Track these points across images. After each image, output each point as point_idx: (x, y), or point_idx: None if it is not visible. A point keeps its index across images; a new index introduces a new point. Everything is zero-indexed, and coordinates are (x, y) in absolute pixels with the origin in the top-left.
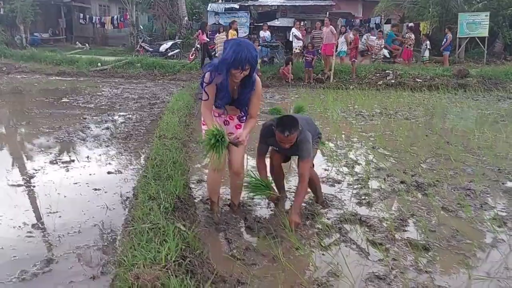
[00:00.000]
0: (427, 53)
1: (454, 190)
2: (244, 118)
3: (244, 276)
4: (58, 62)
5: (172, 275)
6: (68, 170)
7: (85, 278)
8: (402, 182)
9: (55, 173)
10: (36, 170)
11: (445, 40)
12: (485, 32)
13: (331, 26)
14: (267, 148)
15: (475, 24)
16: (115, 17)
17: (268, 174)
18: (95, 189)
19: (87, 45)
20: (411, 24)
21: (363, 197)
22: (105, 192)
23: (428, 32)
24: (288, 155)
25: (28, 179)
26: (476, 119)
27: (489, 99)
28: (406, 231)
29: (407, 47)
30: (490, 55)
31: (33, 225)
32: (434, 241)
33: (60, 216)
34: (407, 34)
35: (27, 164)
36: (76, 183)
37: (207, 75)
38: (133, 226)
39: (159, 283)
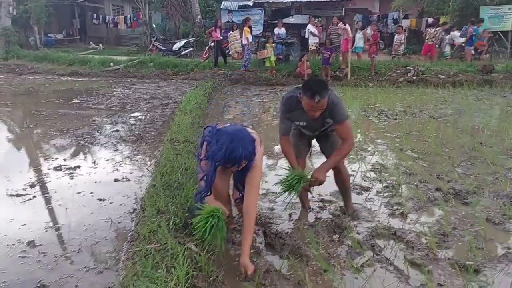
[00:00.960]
0: (448, 49)
1: (496, 198)
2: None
3: None
4: (70, 62)
5: None
6: (72, 178)
7: None
8: (437, 189)
9: (58, 181)
10: (38, 178)
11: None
12: (508, 26)
13: (341, 23)
14: (291, 125)
15: (498, 17)
16: (128, 16)
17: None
18: (100, 200)
19: (100, 45)
20: (431, 19)
21: (395, 207)
22: (111, 203)
23: (449, 27)
24: (317, 129)
25: (28, 188)
26: (507, 116)
27: None
28: (449, 248)
29: (425, 41)
30: None
31: (28, 243)
32: (483, 261)
33: (59, 232)
34: (427, 29)
35: (29, 171)
36: (79, 193)
37: (204, 146)
38: (137, 247)
39: None
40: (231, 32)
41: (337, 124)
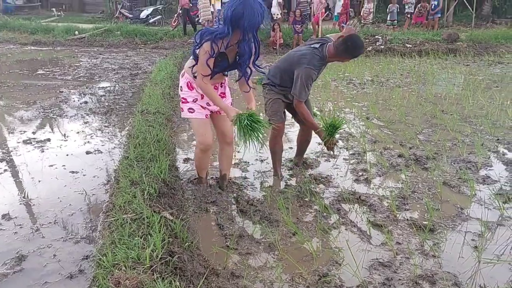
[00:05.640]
0: (394, 17)
1: (454, 163)
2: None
3: (239, 268)
4: (33, 30)
5: (158, 277)
6: (43, 151)
7: (62, 277)
8: (400, 156)
9: (29, 155)
10: (7, 151)
11: (436, 2)
12: None
13: None
14: None
15: None
16: None
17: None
18: (73, 172)
19: (61, 11)
20: None
21: (360, 173)
22: (84, 175)
23: None
24: None
25: None
26: (469, 85)
27: (480, 64)
28: (408, 210)
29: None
30: (478, 18)
31: (3, 216)
32: (438, 221)
33: (33, 205)
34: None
35: None
36: (51, 166)
37: (207, 46)
38: (113, 217)
39: None
40: None
41: None
